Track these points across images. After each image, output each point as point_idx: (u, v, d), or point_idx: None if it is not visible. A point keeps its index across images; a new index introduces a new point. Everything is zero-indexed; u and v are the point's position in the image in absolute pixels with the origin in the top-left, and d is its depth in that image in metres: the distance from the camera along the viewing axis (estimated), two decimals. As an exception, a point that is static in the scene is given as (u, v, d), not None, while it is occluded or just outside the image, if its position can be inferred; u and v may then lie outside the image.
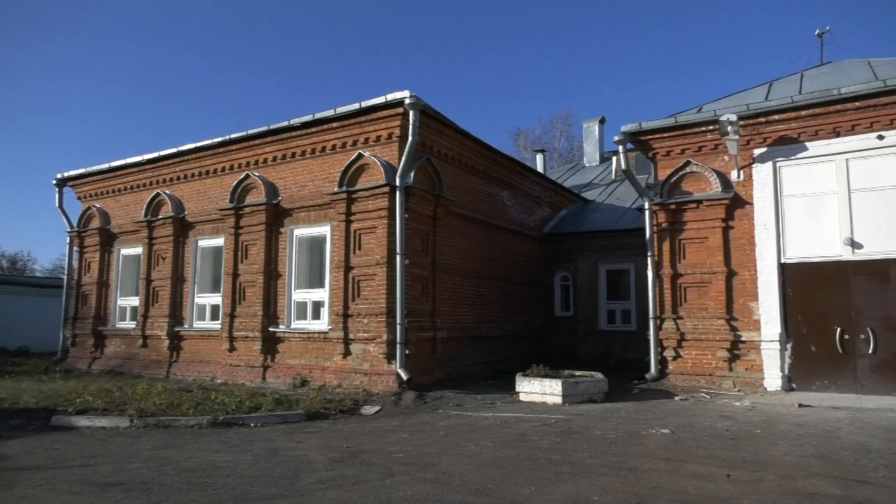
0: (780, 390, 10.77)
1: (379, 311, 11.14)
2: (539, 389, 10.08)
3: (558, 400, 9.76)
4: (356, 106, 11.67)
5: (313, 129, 12.51)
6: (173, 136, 75.77)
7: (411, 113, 11.00)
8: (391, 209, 11.25)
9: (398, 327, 10.88)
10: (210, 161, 14.49)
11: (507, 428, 7.84)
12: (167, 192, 15.26)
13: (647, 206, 12.35)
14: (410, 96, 10.93)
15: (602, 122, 26.14)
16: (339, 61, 72.67)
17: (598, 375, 10.51)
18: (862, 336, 10.49)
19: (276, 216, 13.14)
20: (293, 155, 13.03)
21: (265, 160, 13.48)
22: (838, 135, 10.92)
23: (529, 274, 16.94)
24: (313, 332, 12.18)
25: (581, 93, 65.47)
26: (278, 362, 12.66)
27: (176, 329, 14.51)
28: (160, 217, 15.20)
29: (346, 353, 11.53)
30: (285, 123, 12.77)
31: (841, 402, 9.55)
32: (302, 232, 12.94)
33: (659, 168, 12.56)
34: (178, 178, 15.23)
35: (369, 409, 9.43)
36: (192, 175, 14.95)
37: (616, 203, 19.35)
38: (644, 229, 12.48)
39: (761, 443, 6.77)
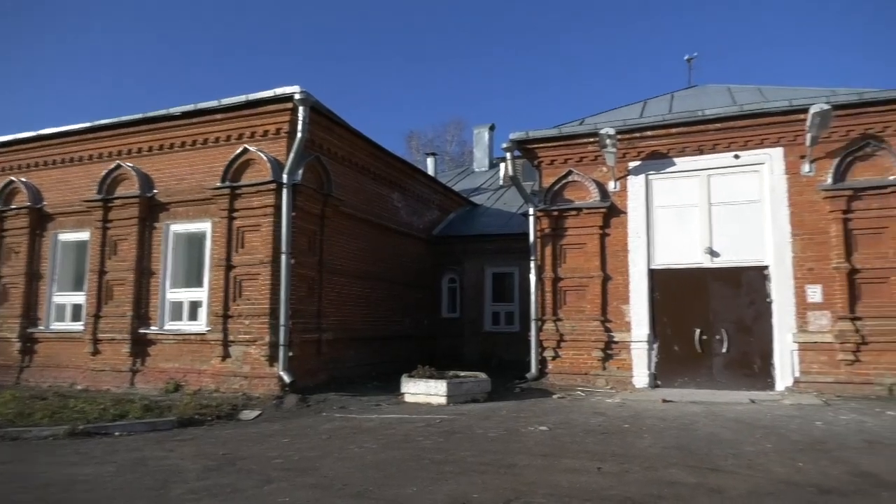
0: (646, 387, 11.57)
1: (262, 312, 10.74)
2: (424, 390, 10.16)
3: (443, 400, 9.88)
4: (242, 98, 11.20)
5: (195, 120, 11.85)
6: (37, 125, 68.84)
7: (301, 109, 10.72)
8: (277, 207, 10.89)
9: (282, 329, 10.54)
10: (75, 148, 13.28)
11: (391, 429, 7.83)
12: (23, 179, 13.82)
13: (531, 212, 12.84)
14: (300, 92, 10.65)
15: (492, 128, 26.87)
16: (228, 58, 69.45)
17: (482, 376, 10.78)
18: (717, 337, 11.53)
19: (151, 210, 12.30)
20: (172, 146, 12.26)
21: (140, 150, 12.58)
22: (702, 152, 11.92)
23: (417, 275, 17.06)
24: (189, 334, 11.52)
25: (473, 99, 66.93)
26: (149, 366, 11.84)
27: (29, 331, 13.16)
28: (13, 207, 13.72)
29: (226, 356, 11.01)
30: (164, 112, 11.99)
31: (699, 397, 10.41)
32: (179, 228, 12.20)
33: (543, 176, 13.10)
34: (37, 164, 13.82)
35: (249, 414, 9.07)
36: (54, 162, 13.63)
37: (503, 208, 19.97)
38: (529, 234, 12.96)
39: (629, 437, 7.23)
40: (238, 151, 11.31)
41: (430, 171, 25.46)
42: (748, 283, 11.50)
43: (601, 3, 70.51)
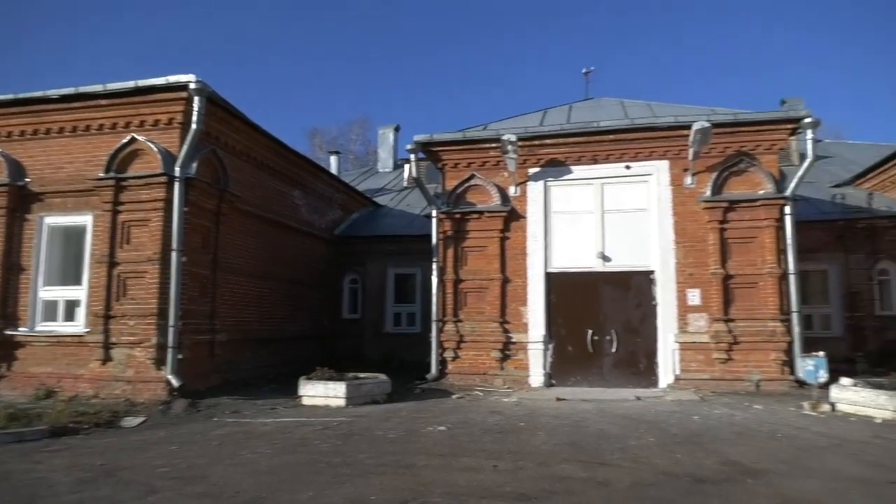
0: (542, 386, 11.98)
1: (149, 313, 10.10)
2: (323, 392, 9.97)
3: (342, 402, 9.74)
4: (131, 84, 10.50)
5: (76, 105, 10.96)
6: None
7: (196, 99, 10.21)
8: (168, 201, 10.29)
9: (171, 330, 9.97)
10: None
11: (287, 433, 7.61)
12: None
13: (434, 213, 12.95)
14: (196, 81, 10.14)
15: (397, 129, 26.86)
16: (122, 46, 64.82)
17: (382, 377, 10.73)
18: (608, 337, 12.14)
19: (22, 200, 11.24)
20: (49, 131, 11.27)
21: (10, 134, 11.47)
22: (596, 162, 12.52)
23: (318, 275, 16.73)
24: (65, 336, 10.63)
25: (379, 99, 66.63)
26: (17, 371, 10.80)
27: None
28: None
29: (107, 360, 10.24)
30: (40, 94, 11.01)
31: (590, 395, 10.90)
32: (55, 220, 11.24)
33: (447, 178, 13.24)
34: None
35: (132, 421, 8.50)
36: None
37: (407, 209, 20.00)
38: (431, 236, 13.06)
39: (524, 434, 7.45)
40: (125, 141, 10.58)
41: (334, 169, 25.07)
42: (636, 286, 12.20)
43: (504, 16, 72.47)
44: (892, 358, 14.72)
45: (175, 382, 9.84)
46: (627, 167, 12.41)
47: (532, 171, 12.78)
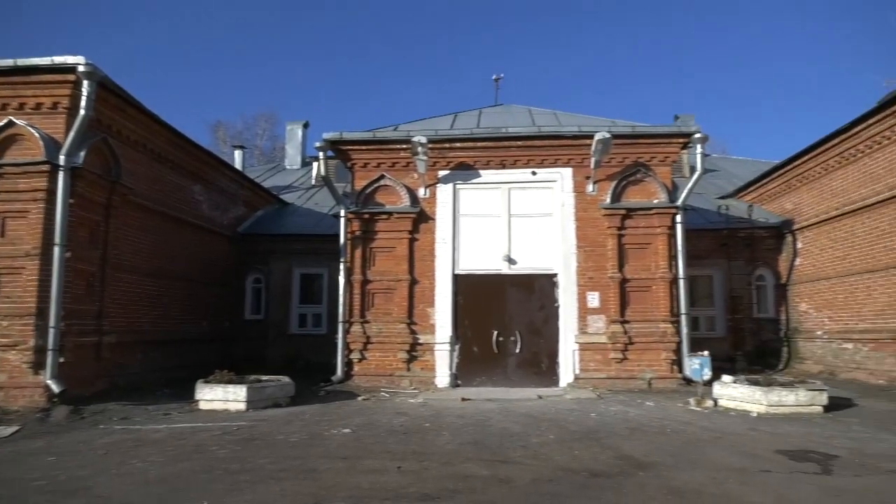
0: (448, 387, 12.09)
1: (26, 313, 9.27)
2: (222, 396, 9.55)
3: (242, 406, 9.38)
4: (10, 63, 9.62)
5: (-58, 81, 9.91)
6: None
7: (86, 83, 9.50)
8: (51, 192, 9.50)
9: (51, 331, 9.19)
10: None
11: (182, 440, 7.23)
12: None
13: (342, 213, 12.76)
14: (86, 64, 9.43)
15: (306, 126, 26.28)
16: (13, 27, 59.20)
17: (285, 379, 10.43)
18: (512, 338, 12.44)
19: None
20: None
21: None
22: (504, 167, 12.80)
23: (219, 274, 16.05)
24: (-75, 338, 9.57)
25: (287, 94, 64.88)
26: None
27: None
28: None
29: (-25, 363, 9.32)
30: None
31: (495, 395, 11.12)
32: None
33: (356, 178, 13.09)
34: None
35: (4, 431, 7.78)
36: None
37: (314, 208, 19.60)
38: (339, 236, 12.86)
39: (429, 435, 7.48)
40: (2, 124, 9.69)
41: (238, 164, 24.14)
42: (540, 289, 12.59)
43: (417, 20, 72.79)
44: (767, 356, 16.09)
45: (55, 388, 9.09)
46: (534, 173, 12.78)
47: (442, 173, 12.89)
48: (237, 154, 25.59)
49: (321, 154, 12.83)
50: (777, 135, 60.79)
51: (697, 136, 12.18)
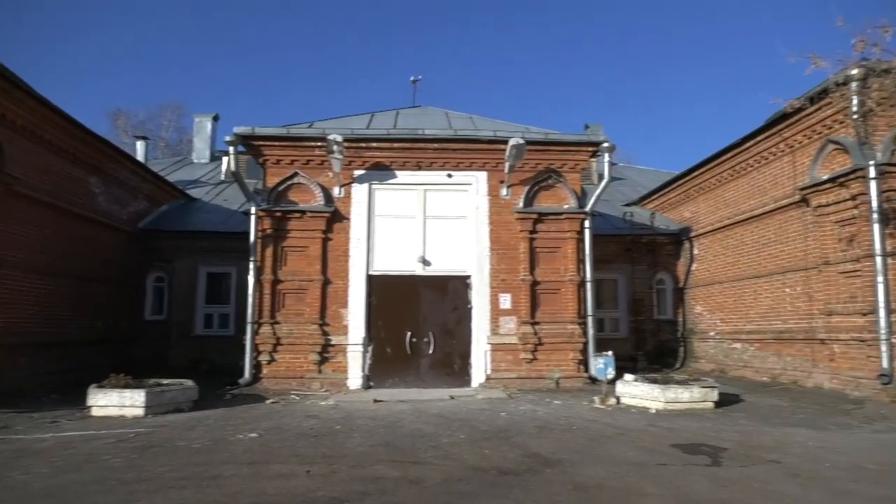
0: (360, 388, 11.96)
1: None
2: (118, 402, 8.98)
3: (140, 412, 8.87)
4: None
5: None
6: None
7: (-34, 61, 8.70)
8: (-78, 178, 8.63)
9: (-80, 332, 8.35)
10: None
11: (71, 449, 6.73)
12: None
13: (253, 210, 12.35)
14: (-34, 40, 8.63)
15: (216, 119, 25.30)
16: None
17: (189, 383, 9.96)
18: (426, 339, 12.48)
19: None
20: None
21: None
22: (420, 168, 12.83)
23: (117, 272, 15.11)
24: None
25: (196, 84, 62.12)
26: None
27: None
28: None
29: None
30: None
31: (407, 396, 11.11)
32: None
33: (268, 175, 12.71)
34: None
35: None
36: None
37: (224, 204, 18.86)
38: (249, 234, 12.43)
39: (340, 437, 7.36)
40: None
41: (140, 156, 22.89)
42: (454, 290, 12.70)
43: (337, 18, 71.79)
44: (666, 356, 17.03)
45: (-77, 395, 8.24)
46: (449, 175, 12.89)
47: (357, 173, 12.74)
48: (139, 145, 24.25)
49: (231, 149, 12.33)
50: (681, 145, 64.61)
51: (605, 145, 12.71)
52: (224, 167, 22.01)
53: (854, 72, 9.48)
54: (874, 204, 10.06)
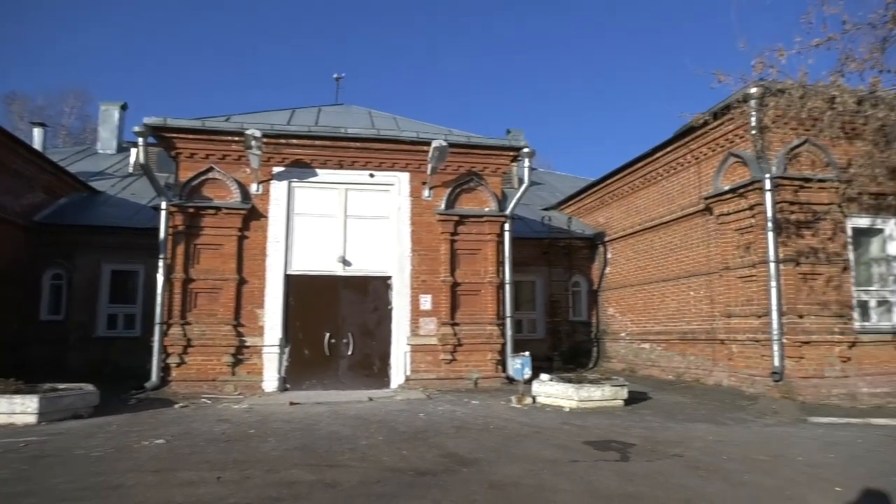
0: (276, 391, 11.65)
1: None
2: (7, 409, 8.30)
3: (32, 419, 8.24)
4: None
5: None
6: None
7: None
8: None
9: None
10: None
11: (-50, 461, 6.17)
12: None
13: (164, 206, 11.77)
14: None
15: (124, 107, 23.96)
16: None
17: (88, 387, 9.35)
18: (344, 340, 12.32)
19: None
20: None
21: None
22: (342, 167, 12.66)
23: (8, 269, 13.99)
24: None
25: (101, 70, 58.51)
26: None
27: None
28: None
29: None
30: None
31: (325, 398, 10.92)
32: None
33: (181, 169, 12.16)
34: None
35: None
36: None
37: (131, 198, 17.86)
38: (159, 230, 11.84)
39: (254, 442, 7.14)
40: None
41: (37, 144, 21.34)
42: (374, 291, 12.61)
43: (258, 12, 69.74)
44: (580, 356, 17.60)
45: None
46: (371, 175, 12.79)
47: (276, 170, 12.41)
48: (36, 132, 22.62)
49: (141, 140, 11.67)
50: (599, 152, 67.08)
51: (526, 150, 13.00)
52: (132, 159, 20.86)
53: (753, 90, 10.16)
54: (769, 214, 10.81)
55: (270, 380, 11.79)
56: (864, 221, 11.35)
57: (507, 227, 13.05)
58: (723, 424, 8.59)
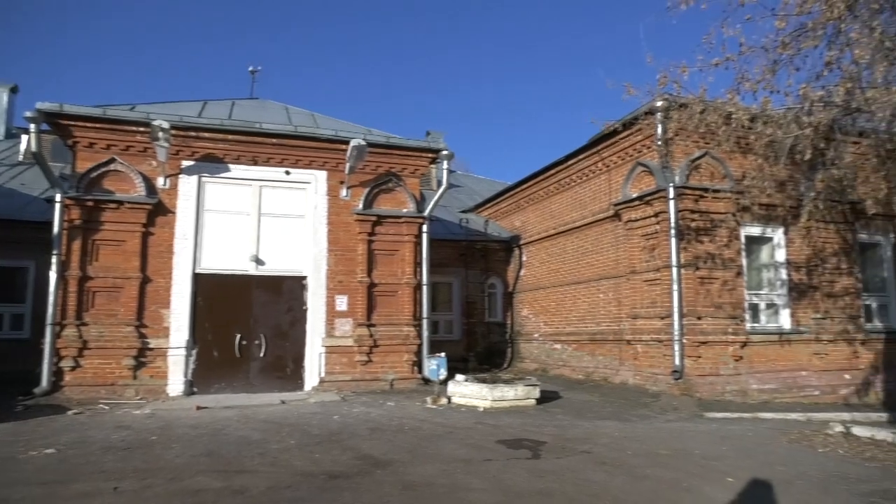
0: (182, 395, 11.11)
1: None
2: None
3: None
4: None
5: None
6: None
7: None
8: None
9: None
10: None
11: None
12: None
13: (58, 198, 10.96)
14: None
15: (14, 90, 22.20)
16: None
17: (-32, 394, 8.57)
18: (256, 341, 11.94)
19: None
20: None
21: None
22: (257, 163, 12.27)
23: None
24: None
25: (-9, 52, 53.90)
26: None
27: None
28: None
29: None
30: None
31: (235, 402, 10.52)
32: None
33: (79, 159, 11.37)
34: None
35: None
36: None
37: (21, 189, 16.53)
38: (53, 224, 11.01)
39: (156, 449, 6.77)
40: None
41: (-88, 128, 19.35)
42: (288, 291, 12.30)
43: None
44: (495, 356, 17.93)
45: None
46: (287, 173, 12.48)
47: (186, 163, 11.86)
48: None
49: (33, 126, 10.77)
50: (517, 157, 68.58)
51: (445, 152, 13.10)
52: (23, 147, 19.29)
53: (659, 104, 10.72)
54: (672, 221, 11.43)
55: (176, 383, 11.24)
56: (755, 230, 12.25)
57: (425, 228, 13.09)
58: (628, 421, 8.99)
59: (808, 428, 8.57)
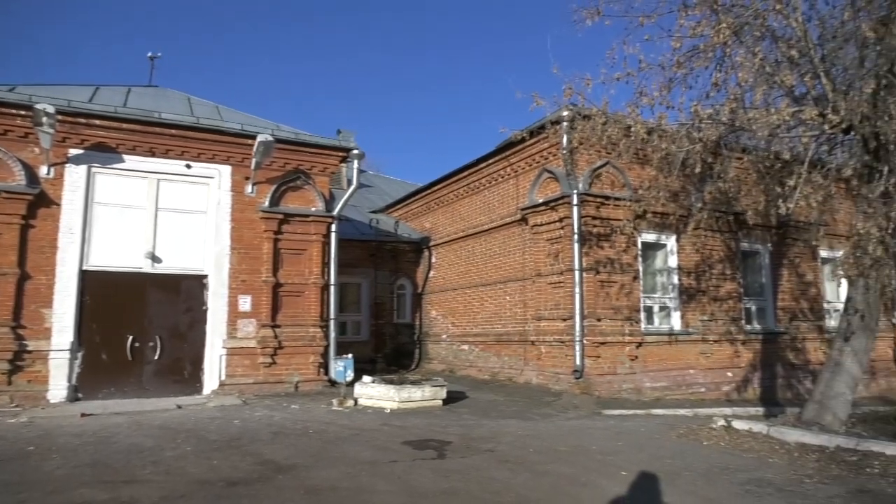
0: (65, 401, 10.30)
1: None
2: None
3: None
4: None
5: None
6: None
7: None
8: None
9: None
10: None
11: None
12: None
13: (-77, 185, 9.89)
14: None
15: None
16: None
17: None
18: (151, 343, 11.27)
19: None
20: None
21: None
22: (154, 155, 11.60)
23: None
24: None
25: None
26: None
27: None
28: None
29: None
30: None
31: (125, 407, 9.88)
32: None
33: (-52, 143, 10.32)
34: None
35: None
36: None
37: None
38: (-85, 214, 9.91)
39: (33, 460, 6.24)
40: None
41: None
42: (187, 290, 11.71)
43: (59, -35, 61.70)
44: (403, 357, 17.93)
45: None
46: (188, 166, 11.89)
47: (74, 152, 11.02)
48: None
49: None
50: (428, 159, 68.94)
51: (355, 151, 12.96)
52: None
53: (564, 114, 11.10)
54: (575, 226, 11.89)
55: (58, 388, 10.39)
56: (651, 237, 12.99)
57: (333, 227, 12.88)
58: (530, 420, 9.25)
59: (694, 423, 9.16)
